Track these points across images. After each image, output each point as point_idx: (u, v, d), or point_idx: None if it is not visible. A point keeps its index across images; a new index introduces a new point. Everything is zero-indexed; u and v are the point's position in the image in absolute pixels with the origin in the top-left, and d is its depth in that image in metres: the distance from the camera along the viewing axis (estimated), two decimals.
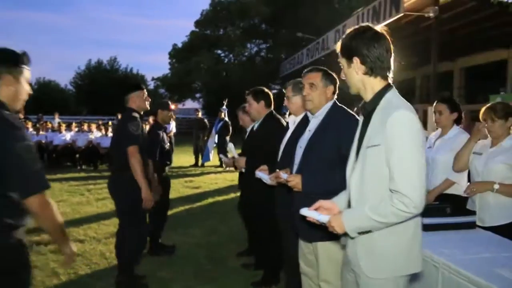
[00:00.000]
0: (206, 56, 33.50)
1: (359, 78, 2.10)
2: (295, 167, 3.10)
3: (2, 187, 1.98)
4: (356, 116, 3.07)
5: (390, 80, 2.12)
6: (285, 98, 3.77)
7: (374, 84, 2.09)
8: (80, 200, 8.71)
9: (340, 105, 3.15)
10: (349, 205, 2.18)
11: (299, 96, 3.57)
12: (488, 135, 3.53)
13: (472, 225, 3.22)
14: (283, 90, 3.82)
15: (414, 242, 2.04)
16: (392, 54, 2.10)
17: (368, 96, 2.12)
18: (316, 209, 2.19)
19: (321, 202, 2.20)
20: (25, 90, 2.25)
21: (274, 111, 4.54)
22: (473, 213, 3.35)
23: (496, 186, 3.29)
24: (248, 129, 5.26)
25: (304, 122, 3.53)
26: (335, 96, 3.16)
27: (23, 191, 2.02)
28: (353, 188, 2.12)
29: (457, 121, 3.98)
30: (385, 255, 2.03)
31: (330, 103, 3.10)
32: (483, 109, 3.54)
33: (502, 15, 9.75)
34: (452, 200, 3.57)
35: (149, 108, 4.40)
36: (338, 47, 2.16)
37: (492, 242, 2.92)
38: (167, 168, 5.31)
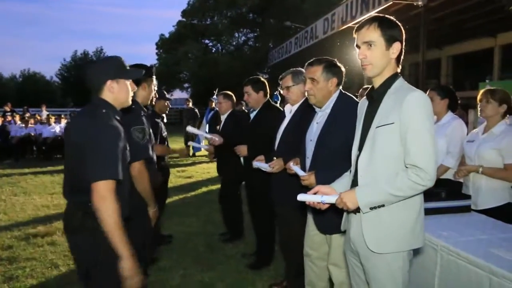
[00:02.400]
0: (194, 46, 33.33)
1: (389, 61, 2.15)
2: (308, 162, 3.08)
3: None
4: None
5: (399, 69, 2.21)
6: (281, 88, 3.76)
7: (392, 69, 2.18)
8: None
9: (346, 94, 3.09)
10: (353, 187, 2.22)
11: (298, 86, 3.57)
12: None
13: (467, 209, 3.32)
14: (279, 80, 3.78)
15: (419, 217, 2.14)
16: None
17: (379, 80, 2.20)
18: (315, 194, 2.25)
19: (320, 187, 2.28)
20: (152, 93, 3.48)
21: (270, 100, 4.62)
22: (467, 197, 3.45)
23: (480, 169, 3.47)
24: (224, 116, 5.34)
25: (302, 111, 3.55)
26: (341, 86, 3.07)
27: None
28: (361, 168, 2.18)
29: (453, 108, 4.05)
30: (391, 230, 2.11)
31: (335, 95, 3.03)
32: (482, 91, 3.67)
33: (488, 4, 9.90)
34: (447, 185, 3.69)
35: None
36: (375, 26, 2.11)
37: (487, 224, 3.02)
38: (166, 157, 5.32)
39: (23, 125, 14.58)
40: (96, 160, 2.14)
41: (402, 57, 2.19)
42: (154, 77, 3.45)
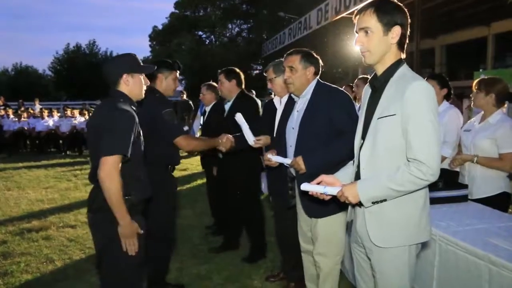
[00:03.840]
0: (187, 38, 33.11)
1: (389, 48, 2.06)
2: (291, 149, 3.14)
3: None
4: (341, 89, 3.18)
5: (403, 56, 2.12)
6: (267, 80, 3.78)
7: (395, 56, 2.08)
8: (67, 185, 8.64)
9: (324, 82, 3.19)
10: (357, 178, 2.19)
11: (281, 77, 3.58)
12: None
13: (464, 198, 3.32)
14: (264, 73, 3.82)
15: (424, 211, 2.08)
16: None
17: (381, 67, 2.11)
18: (318, 184, 2.21)
19: (323, 177, 2.22)
20: (173, 85, 3.66)
21: (245, 90, 4.62)
22: (464, 186, 3.44)
23: (475, 159, 3.47)
24: (208, 108, 5.30)
25: (290, 103, 3.56)
26: (318, 76, 3.18)
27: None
28: (363, 160, 2.13)
29: (447, 97, 4.05)
30: (396, 225, 2.06)
31: (314, 82, 3.14)
32: (477, 80, 3.68)
33: None
34: (444, 174, 3.67)
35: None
36: (371, 12, 2.03)
37: (484, 213, 3.03)
38: None
39: (16, 119, 14.50)
40: (108, 137, 2.36)
41: (406, 41, 2.09)
42: (176, 71, 3.67)
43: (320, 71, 3.19)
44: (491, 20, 14.38)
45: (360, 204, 2.07)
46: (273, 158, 3.15)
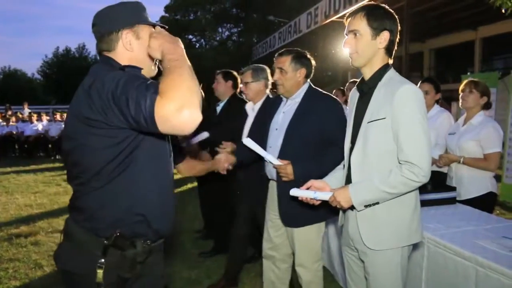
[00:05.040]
0: None
1: (376, 52, 2.10)
2: (270, 150, 3.01)
3: None
4: (334, 97, 3.11)
5: (390, 61, 2.16)
6: (242, 84, 3.77)
7: (382, 60, 2.12)
8: (57, 190, 8.57)
9: (316, 88, 3.11)
10: (347, 182, 2.20)
11: (257, 83, 3.59)
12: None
13: (452, 201, 3.35)
14: (239, 75, 3.85)
15: (415, 213, 2.11)
16: None
17: (368, 71, 2.14)
18: (307, 189, 2.23)
19: (313, 182, 2.24)
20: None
21: (237, 94, 4.65)
22: (452, 189, 3.48)
23: (461, 160, 3.53)
24: None
25: (275, 104, 3.53)
26: (308, 79, 3.09)
27: None
28: (354, 165, 2.14)
29: (437, 101, 4.12)
30: (387, 227, 2.08)
31: (305, 86, 3.05)
32: (465, 81, 3.73)
33: None
34: (433, 176, 3.71)
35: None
36: (361, 16, 2.07)
37: (472, 215, 3.06)
38: None
39: (5, 123, 14.38)
40: None
41: (394, 47, 2.14)
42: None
43: (312, 73, 3.09)
44: (478, 24, 14.55)
45: (352, 207, 2.09)
46: (267, 155, 2.86)
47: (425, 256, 2.62)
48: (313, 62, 3.11)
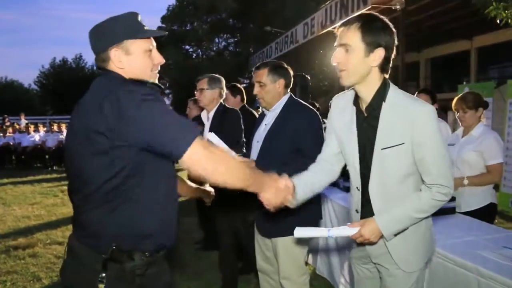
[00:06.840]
0: (174, 52, 33.12)
1: (370, 69, 1.93)
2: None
3: None
4: (312, 108, 3.04)
5: (386, 76, 2.01)
6: (197, 90, 3.81)
7: (379, 78, 1.97)
8: (54, 201, 8.54)
9: (296, 99, 3.07)
10: (363, 208, 2.13)
11: (212, 91, 3.65)
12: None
13: (452, 211, 3.35)
14: (196, 82, 3.88)
15: (431, 226, 2.15)
16: None
17: (364, 89, 1.99)
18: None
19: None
20: None
21: (246, 105, 4.77)
22: (452, 199, 3.48)
23: (465, 182, 3.50)
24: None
25: (220, 116, 3.64)
26: (288, 89, 3.05)
27: None
28: (374, 193, 2.06)
29: None
30: (417, 246, 2.07)
31: (286, 97, 3.02)
32: (455, 100, 3.71)
33: (465, 7, 10.06)
34: None
35: None
36: (356, 28, 1.88)
37: (472, 226, 3.07)
38: None
39: (1, 134, 14.36)
40: None
41: (390, 65, 1.98)
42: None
43: (291, 83, 3.05)
44: (473, 34, 14.66)
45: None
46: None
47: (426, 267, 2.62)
48: (291, 72, 3.08)
